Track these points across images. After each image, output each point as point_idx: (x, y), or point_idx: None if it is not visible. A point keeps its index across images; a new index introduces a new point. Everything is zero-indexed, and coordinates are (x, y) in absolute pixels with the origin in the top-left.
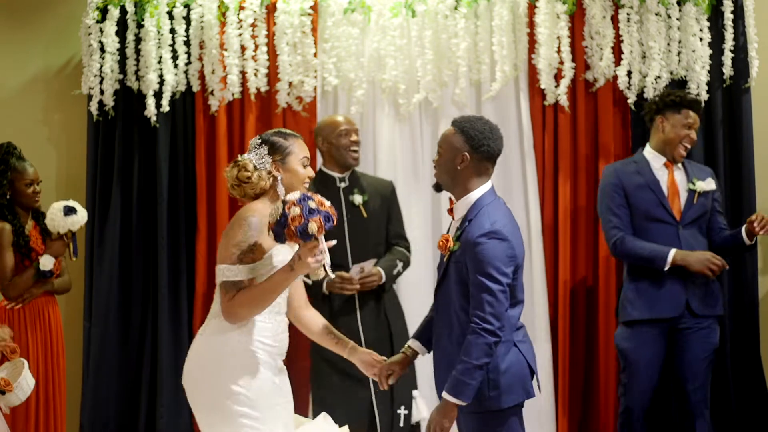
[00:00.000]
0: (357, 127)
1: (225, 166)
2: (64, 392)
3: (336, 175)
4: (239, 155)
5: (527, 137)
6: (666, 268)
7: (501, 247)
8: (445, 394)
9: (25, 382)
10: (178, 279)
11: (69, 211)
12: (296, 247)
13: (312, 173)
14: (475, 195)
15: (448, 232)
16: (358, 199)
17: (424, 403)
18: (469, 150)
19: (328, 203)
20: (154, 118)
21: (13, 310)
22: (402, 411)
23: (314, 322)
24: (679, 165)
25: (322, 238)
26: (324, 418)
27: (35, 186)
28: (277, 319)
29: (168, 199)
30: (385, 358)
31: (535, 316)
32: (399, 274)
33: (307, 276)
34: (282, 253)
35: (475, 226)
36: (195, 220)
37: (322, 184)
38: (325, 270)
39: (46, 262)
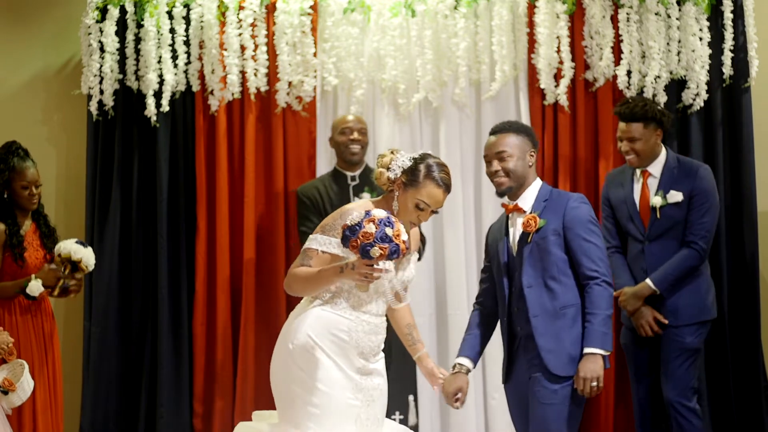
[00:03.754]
0: (361, 126)
1: (224, 165)
2: (60, 393)
3: (347, 173)
4: (400, 152)
5: None
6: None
7: (591, 210)
8: (590, 350)
9: (27, 383)
10: (178, 278)
11: (81, 243)
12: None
13: (423, 220)
14: (537, 182)
15: (506, 232)
16: (366, 196)
17: (414, 410)
18: (532, 147)
19: (404, 237)
20: (153, 118)
21: (8, 311)
22: (397, 416)
23: (403, 317)
24: (656, 174)
25: (381, 263)
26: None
27: (33, 189)
28: (362, 318)
29: (168, 198)
30: (445, 372)
31: None
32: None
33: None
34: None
35: (562, 198)
36: (195, 219)
37: (334, 181)
38: (387, 295)
39: (34, 288)
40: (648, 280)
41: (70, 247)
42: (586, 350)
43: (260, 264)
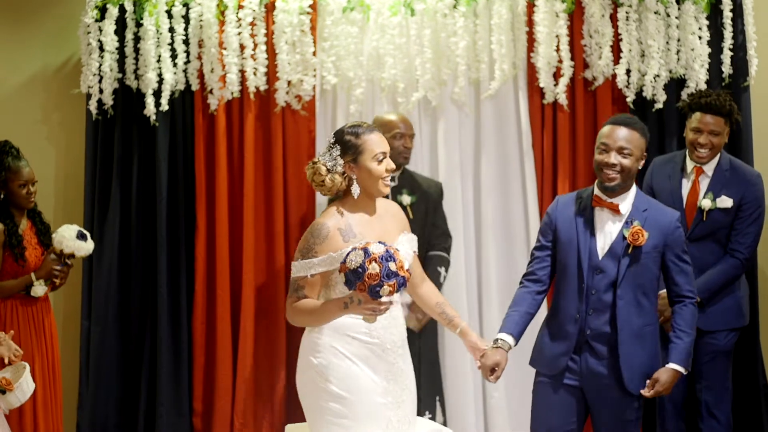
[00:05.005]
0: (412, 133)
1: (224, 165)
2: (60, 392)
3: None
4: (317, 155)
5: (526, 136)
6: None
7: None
8: (676, 366)
9: (26, 384)
10: (178, 278)
11: (81, 236)
12: None
13: (391, 166)
14: (635, 187)
15: (592, 227)
16: (406, 199)
17: (440, 411)
18: (646, 151)
19: (407, 265)
20: (153, 117)
21: (5, 311)
22: (427, 416)
23: (429, 297)
24: (709, 173)
25: (387, 297)
26: (440, 428)
27: (30, 187)
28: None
29: (167, 197)
30: (489, 343)
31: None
32: (444, 279)
33: None
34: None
35: (661, 212)
36: (194, 218)
37: None
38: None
39: (38, 290)
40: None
41: (74, 243)
42: (672, 365)
43: (259, 263)
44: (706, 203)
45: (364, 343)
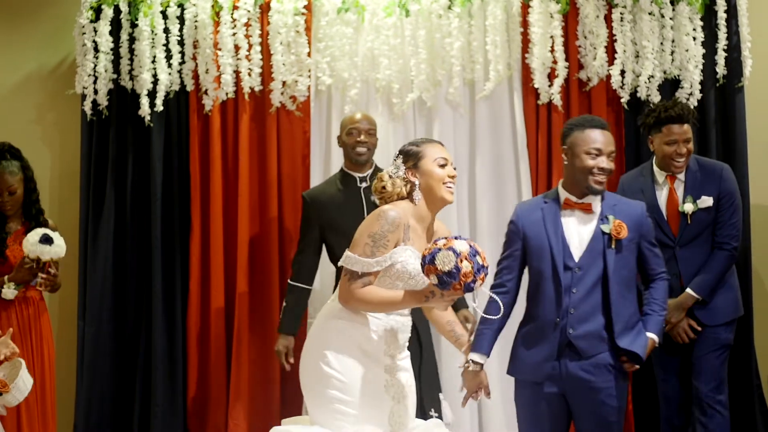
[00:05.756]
0: (370, 127)
1: (218, 165)
2: (52, 392)
3: (356, 174)
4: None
5: (521, 137)
6: None
7: None
8: (654, 336)
9: (22, 382)
10: (172, 278)
11: (45, 240)
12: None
13: (453, 173)
14: None
15: (562, 233)
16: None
17: (447, 406)
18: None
19: (485, 254)
20: (147, 118)
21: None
22: (433, 414)
23: (440, 315)
24: (681, 178)
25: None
26: (436, 424)
27: (6, 195)
28: (390, 316)
29: (162, 198)
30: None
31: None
32: None
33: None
34: (403, 255)
35: (629, 205)
36: (189, 219)
37: (343, 183)
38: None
39: (8, 293)
40: (689, 290)
41: (36, 248)
42: (651, 335)
43: (254, 263)
44: (689, 207)
45: (372, 340)
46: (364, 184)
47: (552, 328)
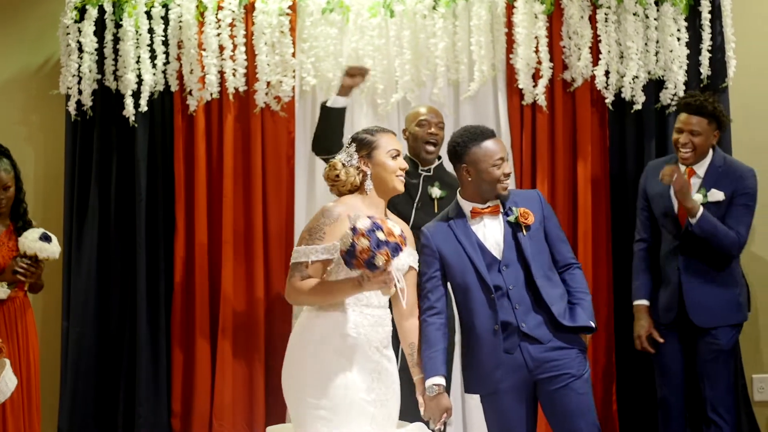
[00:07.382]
0: (438, 120)
1: (203, 165)
2: (37, 392)
3: (420, 166)
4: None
5: (505, 137)
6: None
7: None
8: (593, 324)
9: (5, 383)
10: (157, 278)
11: (45, 238)
12: None
13: (404, 165)
14: None
15: (476, 240)
16: (436, 192)
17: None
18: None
19: (398, 231)
20: (132, 118)
21: None
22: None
23: (407, 334)
24: (700, 173)
25: (390, 266)
26: (419, 428)
27: (1, 192)
28: (364, 312)
29: (146, 198)
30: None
31: None
32: None
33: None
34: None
35: (524, 194)
36: (173, 219)
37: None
38: (396, 287)
39: (0, 293)
40: (701, 208)
41: (35, 244)
42: (592, 323)
43: (239, 263)
44: (698, 197)
45: (351, 338)
46: (425, 173)
47: (493, 334)
